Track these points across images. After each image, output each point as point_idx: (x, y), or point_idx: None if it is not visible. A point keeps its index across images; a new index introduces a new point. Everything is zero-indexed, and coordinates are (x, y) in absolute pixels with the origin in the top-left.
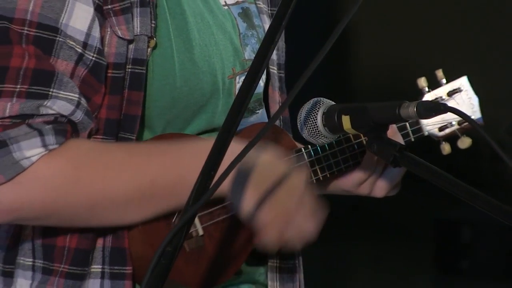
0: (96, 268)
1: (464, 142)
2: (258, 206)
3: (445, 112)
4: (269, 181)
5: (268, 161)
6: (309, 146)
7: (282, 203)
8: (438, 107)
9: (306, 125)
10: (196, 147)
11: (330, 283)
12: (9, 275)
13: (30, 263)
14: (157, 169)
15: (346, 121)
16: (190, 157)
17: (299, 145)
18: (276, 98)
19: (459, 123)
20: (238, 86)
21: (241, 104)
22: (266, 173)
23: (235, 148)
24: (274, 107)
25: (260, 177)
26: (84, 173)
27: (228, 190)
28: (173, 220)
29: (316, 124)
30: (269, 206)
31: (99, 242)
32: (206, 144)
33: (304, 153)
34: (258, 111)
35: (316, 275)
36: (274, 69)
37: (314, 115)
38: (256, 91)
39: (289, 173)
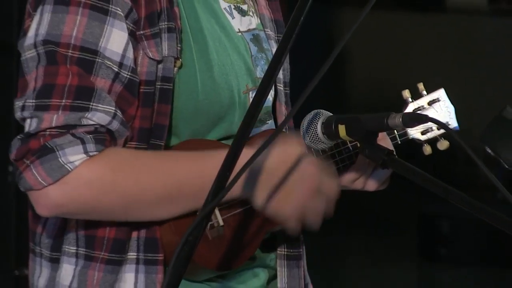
0: (131, 255)
1: (443, 144)
2: (271, 200)
3: (426, 122)
4: (279, 172)
5: (278, 153)
6: (313, 152)
7: (296, 191)
8: (420, 118)
9: (308, 133)
10: (216, 156)
11: (328, 268)
12: (56, 261)
13: (74, 250)
14: (184, 175)
15: (342, 129)
16: (212, 165)
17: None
18: (283, 111)
19: (438, 128)
20: (251, 100)
21: (253, 115)
22: (276, 165)
23: (247, 152)
24: (281, 118)
25: (270, 172)
26: (120, 177)
27: (241, 190)
28: (197, 213)
29: (316, 132)
30: (284, 198)
31: (134, 233)
32: (224, 153)
33: None
34: (268, 121)
35: (316, 261)
36: (280, 86)
37: (315, 124)
38: (265, 105)
39: (300, 158)
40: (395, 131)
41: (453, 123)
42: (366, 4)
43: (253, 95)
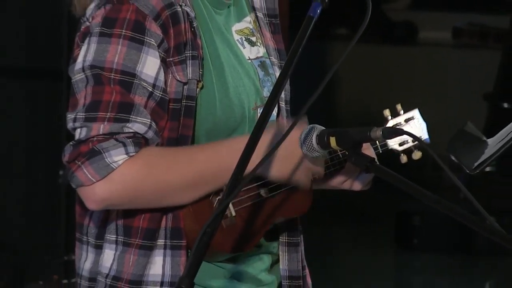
0: (160, 241)
1: (417, 155)
2: (282, 172)
3: (402, 135)
4: (285, 151)
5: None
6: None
7: (300, 162)
8: (397, 131)
9: (305, 143)
10: (229, 144)
11: (320, 255)
12: (99, 247)
13: (114, 238)
14: (204, 163)
15: (333, 140)
16: (226, 152)
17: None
18: (285, 125)
19: (413, 141)
20: (258, 115)
21: (260, 127)
22: (283, 149)
23: (260, 151)
24: (284, 126)
25: (281, 153)
26: (155, 171)
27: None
28: (214, 205)
29: (312, 143)
30: (292, 167)
31: (162, 223)
32: (238, 142)
33: None
34: (276, 125)
35: (310, 248)
36: (282, 104)
37: (311, 136)
38: (270, 119)
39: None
40: (377, 142)
41: (425, 136)
42: (352, 39)
43: (261, 111)
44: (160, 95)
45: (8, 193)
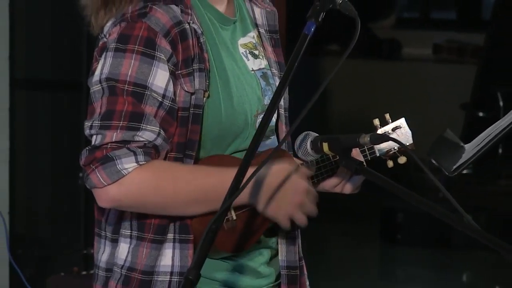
0: (170, 235)
1: (402, 159)
2: (269, 206)
3: (388, 140)
4: (275, 184)
5: (275, 170)
6: (304, 163)
7: (288, 199)
8: (383, 137)
9: (300, 148)
10: (231, 172)
11: (314, 247)
12: (115, 241)
13: (129, 233)
14: (208, 184)
15: (325, 146)
16: (228, 178)
17: (298, 161)
18: (283, 129)
19: (398, 148)
20: (259, 121)
21: (260, 132)
22: (274, 179)
23: (252, 169)
24: (282, 135)
25: (269, 184)
26: (161, 182)
27: (248, 198)
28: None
29: (306, 148)
30: (277, 206)
31: (172, 220)
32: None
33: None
34: (271, 137)
35: (302, 242)
36: (282, 111)
37: (305, 142)
38: (270, 124)
39: (286, 175)
40: (366, 149)
41: (410, 142)
42: (343, 54)
43: (261, 117)
44: (169, 105)
45: (34, 193)
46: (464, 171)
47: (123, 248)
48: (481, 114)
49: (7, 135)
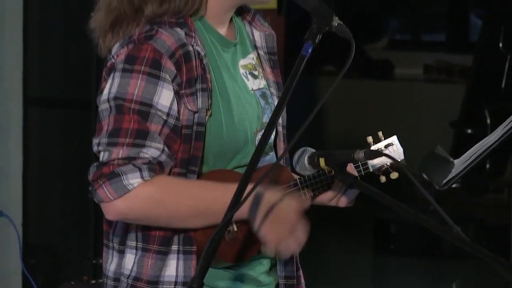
0: (174, 247)
1: (394, 175)
2: (261, 228)
3: (381, 156)
4: (270, 210)
5: (271, 197)
6: (302, 177)
7: (279, 225)
8: (377, 153)
9: (298, 163)
10: (232, 187)
11: (309, 257)
12: (122, 252)
13: (134, 244)
14: (210, 199)
15: (322, 161)
16: (230, 193)
17: (295, 176)
18: (281, 146)
19: (391, 164)
20: (259, 138)
21: (260, 149)
22: (269, 205)
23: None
24: (280, 151)
25: (265, 207)
26: (165, 197)
27: (247, 215)
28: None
29: (304, 163)
30: (270, 228)
31: (176, 232)
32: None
33: (298, 181)
34: (270, 153)
35: (300, 252)
36: (280, 128)
37: (303, 157)
38: (269, 141)
39: (285, 204)
40: (360, 164)
41: (401, 158)
42: (338, 74)
43: (261, 135)
44: (173, 123)
45: (47, 205)
46: (454, 185)
47: (130, 259)
48: (469, 131)
49: (20, 150)
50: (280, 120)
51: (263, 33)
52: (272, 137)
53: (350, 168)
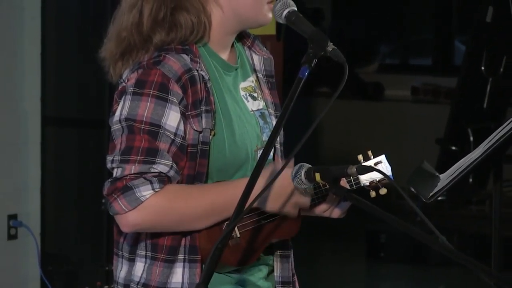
0: (180, 256)
1: (383, 191)
2: (274, 205)
3: (371, 171)
4: (277, 190)
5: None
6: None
7: (289, 199)
8: (368, 168)
9: (296, 178)
10: (235, 185)
11: (304, 265)
12: (132, 261)
13: (144, 253)
14: (215, 198)
15: (317, 176)
16: (232, 191)
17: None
18: (279, 162)
19: (380, 180)
20: (259, 155)
21: (260, 165)
22: (276, 189)
23: (258, 186)
24: (278, 167)
25: (274, 192)
26: (175, 204)
27: (258, 203)
28: (223, 228)
29: (301, 177)
30: (282, 202)
31: (182, 241)
32: (242, 182)
33: None
34: (270, 167)
35: (296, 259)
36: (278, 145)
37: (300, 172)
38: (269, 157)
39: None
40: (352, 179)
41: (389, 174)
42: (332, 96)
43: (260, 152)
44: (180, 142)
45: (64, 216)
46: (439, 198)
47: (139, 267)
48: (453, 148)
49: (39, 166)
50: (278, 138)
51: (262, 57)
52: (272, 154)
53: (343, 182)
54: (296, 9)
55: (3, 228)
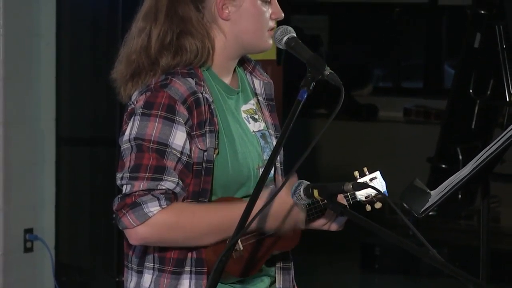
0: (187, 268)
1: (377, 205)
2: (272, 225)
3: (367, 188)
4: (275, 210)
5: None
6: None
7: (286, 218)
8: (364, 185)
9: (295, 194)
10: (239, 207)
11: (303, 276)
12: (140, 272)
13: (152, 265)
14: (220, 217)
15: (316, 192)
16: (237, 212)
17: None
18: (280, 179)
19: (375, 195)
20: (260, 173)
21: (261, 182)
22: (274, 210)
23: (258, 206)
24: (279, 184)
25: (271, 214)
26: (181, 220)
27: (256, 226)
28: (227, 241)
29: (300, 194)
30: (280, 222)
31: (189, 254)
32: (244, 205)
33: None
34: (270, 186)
35: (295, 271)
36: (278, 164)
37: (299, 189)
38: (270, 175)
39: (286, 205)
40: (349, 195)
41: (384, 190)
42: (329, 117)
43: (262, 170)
44: (186, 160)
45: (77, 230)
46: (430, 213)
47: (147, 278)
48: (443, 166)
49: (53, 183)
50: (278, 157)
51: (262, 82)
52: (272, 172)
53: (340, 198)
54: (295, 35)
55: (20, 242)
